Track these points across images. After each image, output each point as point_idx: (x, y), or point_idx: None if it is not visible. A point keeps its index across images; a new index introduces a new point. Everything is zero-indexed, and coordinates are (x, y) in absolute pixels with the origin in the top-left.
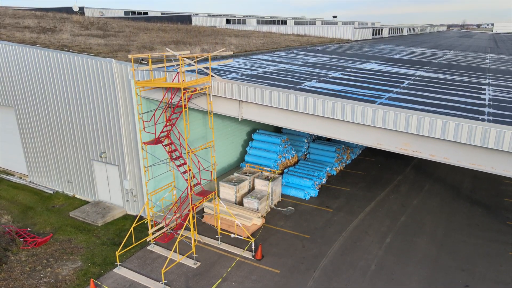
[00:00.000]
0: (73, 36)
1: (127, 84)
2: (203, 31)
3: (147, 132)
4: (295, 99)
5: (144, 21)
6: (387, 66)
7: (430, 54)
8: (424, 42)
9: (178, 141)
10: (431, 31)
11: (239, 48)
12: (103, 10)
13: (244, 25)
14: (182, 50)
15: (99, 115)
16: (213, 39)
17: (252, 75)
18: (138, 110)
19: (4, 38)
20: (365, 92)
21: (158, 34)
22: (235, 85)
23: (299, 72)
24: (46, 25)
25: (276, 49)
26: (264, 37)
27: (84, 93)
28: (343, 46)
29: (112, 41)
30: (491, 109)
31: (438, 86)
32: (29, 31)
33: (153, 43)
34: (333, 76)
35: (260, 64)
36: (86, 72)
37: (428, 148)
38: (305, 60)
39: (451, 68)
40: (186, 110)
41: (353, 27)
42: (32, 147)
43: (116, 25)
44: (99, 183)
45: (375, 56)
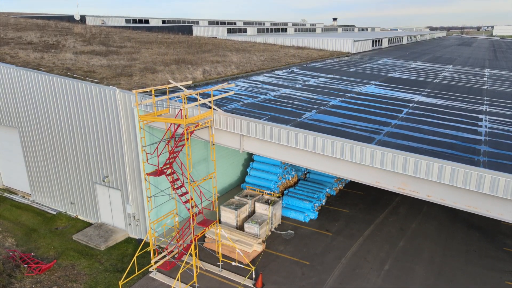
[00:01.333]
0: (76, 54)
1: (130, 113)
2: (204, 44)
3: (150, 164)
4: (295, 137)
5: (146, 31)
6: (386, 89)
7: (429, 70)
8: (424, 54)
9: (180, 170)
10: (431, 38)
11: (239, 68)
12: (104, 18)
13: (244, 34)
14: (183, 72)
15: (102, 141)
16: (214, 55)
17: (253, 105)
18: (142, 143)
19: (8, 60)
20: (364, 125)
21: (159, 50)
22: (236, 119)
23: (299, 99)
24: (49, 39)
25: (276, 68)
26: (264, 52)
27: (87, 119)
28: (343, 62)
29: (115, 61)
30: (487, 147)
31: (435, 116)
32: (32, 48)
33: (155, 63)
34: (333, 105)
35: (261, 88)
36: (90, 99)
37: (425, 188)
38: (305, 82)
39: (449, 89)
40: (188, 146)
41: (353, 40)
42: (35, 167)
43: (118, 38)
44: (101, 206)
45: (374, 75)
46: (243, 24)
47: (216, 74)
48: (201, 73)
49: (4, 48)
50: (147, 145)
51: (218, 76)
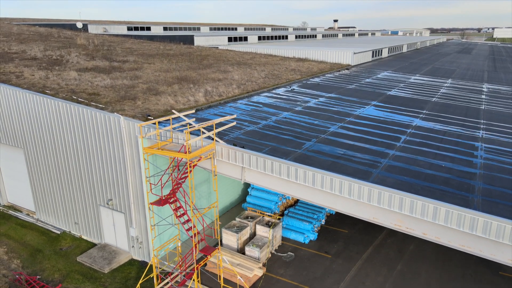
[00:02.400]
0: (80, 72)
1: (134, 140)
2: (206, 57)
3: (154, 194)
4: (295, 172)
5: (147, 40)
6: (385, 110)
7: (428, 85)
8: (423, 64)
9: (182, 197)
10: (431, 44)
11: (241, 87)
12: (106, 26)
13: (245, 42)
14: (186, 93)
15: (107, 165)
16: (216, 71)
17: (255, 133)
18: (146, 174)
19: (14, 81)
20: (362, 157)
21: (161, 65)
22: (238, 152)
23: (300, 125)
24: (52, 54)
25: (277, 86)
26: (265, 66)
27: (92, 143)
28: (343, 77)
29: (118, 80)
30: (482, 183)
31: (432, 145)
32: (37, 64)
33: (157, 82)
34: (332, 132)
35: (262, 112)
36: (95, 124)
37: (420, 227)
38: (305, 103)
39: (447, 110)
40: (192, 179)
41: (353, 52)
42: (40, 186)
43: (120, 51)
44: (105, 227)
45: (373, 93)
46: (244, 29)
47: (218, 96)
48: (203, 94)
49: (9, 65)
50: (151, 175)
51: (220, 98)
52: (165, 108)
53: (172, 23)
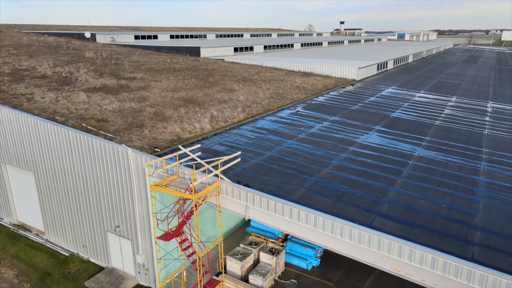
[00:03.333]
0: (89, 94)
1: (142, 172)
2: (211, 71)
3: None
4: (297, 214)
5: (154, 51)
6: (388, 138)
7: (432, 105)
8: (429, 77)
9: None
10: (437, 51)
11: (246, 110)
12: (114, 35)
13: (251, 52)
14: (191, 118)
15: (115, 193)
16: (221, 90)
17: (259, 167)
18: (153, 210)
19: (25, 105)
20: (364, 196)
21: (168, 84)
22: (242, 191)
23: (303, 156)
24: (62, 70)
25: (282, 108)
26: (270, 83)
27: (100, 171)
28: (347, 95)
29: (125, 103)
30: (481, 228)
31: (433, 180)
32: (47, 84)
33: (164, 105)
34: (335, 166)
35: (266, 141)
36: (103, 154)
37: (419, 273)
38: (309, 129)
39: (449, 137)
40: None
41: (358, 67)
42: (50, 209)
43: (128, 65)
44: (112, 252)
45: (377, 115)
46: (250, 35)
47: (223, 122)
48: (209, 120)
49: (20, 85)
50: (158, 211)
51: (225, 124)
52: (171, 138)
53: (179, 28)
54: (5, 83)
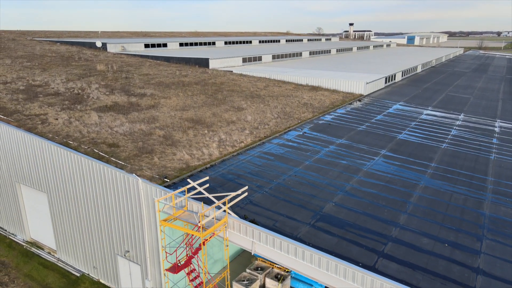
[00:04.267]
0: (100, 114)
1: (152, 203)
2: (220, 86)
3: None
4: (302, 253)
5: (164, 61)
6: (394, 164)
7: (439, 124)
8: (437, 91)
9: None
10: (447, 59)
11: (253, 133)
12: (124, 44)
13: (260, 62)
14: (200, 143)
15: (125, 220)
16: (229, 109)
17: (265, 199)
18: (162, 243)
19: (39, 128)
20: (368, 233)
21: (177, 102)
22: (249, 227)
23: (309, 186)
24: (74, 86)
25: (289, 129)
26: (278, 99)
27: (111, 197)
28: (354, 113)
29: (136, 124)
30: (482, 272)
31: (436, 215)
32: (60, 102)
33: (173, 127)
34: (340, 198)
35: (273, 168)
36: (114, 182)
37: None
38: (316, 154)
39: (455, 163)
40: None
41: (365, 82)
42: (62, 229)
43: (138, 80)
44: (122, 275)
45: (383, 136)
46: (259, 42)
47: (231, 146)
48: (217, 145)
49: (34, 105)
50: (167, 245)
51: (233, 149)
52: (180, 166)
53: (188, 33)
54: (20, 102)
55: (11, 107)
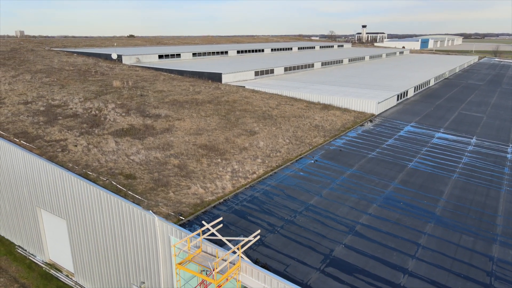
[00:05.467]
0: (117, 139)
1: (167, 240)
2: (233, 104)
3: None
4: None
5: (178, 75)
6: (404, 198)
7: (451, 150)
8: (449, 109)
9: None
10: (461, 69)
11: (265, 162)
12: (139, 56)
13: (272, 75)
14: (213, 174)
15: (141, 253)
16: (242, 133)
17: (276, 240)
18: (176, 285)
19: (60, 157)
20: (376, 283)
21: (191, 125)
22: (261, 273)
23: (320, 224)
24: (92, 106)
25: (300, 156)
26: (290, 121)
27: (128, 231)
28: (365, 137)
29: (151, 152)
30: None
31: (445, 261)
32: (79, 126)
33: (187, 155)
34: (350, 239)
35: (285, 202)
36: (131, 217)
37: None
38: (326, 187)
39: (466, 198)
40: None
41: (377, 102)
42: (80, 255)
43: (153, 98)
44: None
45: (394, 165)
46: (271, 50)
47: (243, 178)
48: (230, 177)
49: (54, 129)
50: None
51: (246, 181)
52: (194, 201)
53: (201, 39)
54: (41, 126)
55: (33, 132)
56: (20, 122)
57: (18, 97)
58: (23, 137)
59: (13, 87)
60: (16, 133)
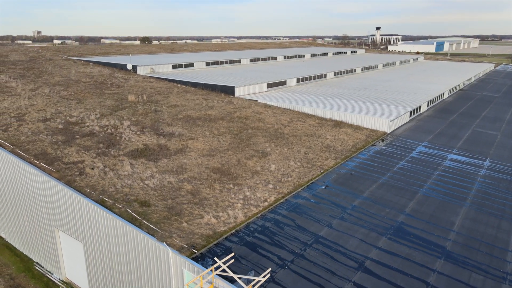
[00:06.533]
0: (132, 162)
1: (180, 272)
2: (245, 121)
3: None
4: None
5: (191, 87)
6: (414, 231)
7: (463, 174)
8: (463, 127)
9: None
10: (477, 78)
11: (277, 188)
12: (153, 66)
13: (284, 87)
14: (225, 201)
15: (155, 281)
16: (254, 154)
17: (287, 276)
18: None
19: (78, 182)
20: None
21: (204, 145)
22: None
23: (329, 259)
24: (108, 124)
25: (312, 181)
26: (301, 140)
27: (143, 259)
28: (376, 159)
29: (165, 176)
30: None
31: None
32: (95, 145)
33: (201, 180)
34: (359, 277)
35: (295, 235)
36: (146, 246)
37: None
38: (337, 216)
39: (477, 230)
40: None
41: (389, 120)
42: (96, 277)
43: (167, 115)
44: None
45: (405, 191)
46: (283, 58)
47: (255, 206)
48: (242, 205)
49: (72, 149)
50: None
51: (257, 210)
52: (207, 233)
53: (214, 45)
54: (59, 146)
55: (52, 153)
56: (40, 142)
57: (37, 114)
58: (42, 158)
59: (33, 102)
60: (36, 154)
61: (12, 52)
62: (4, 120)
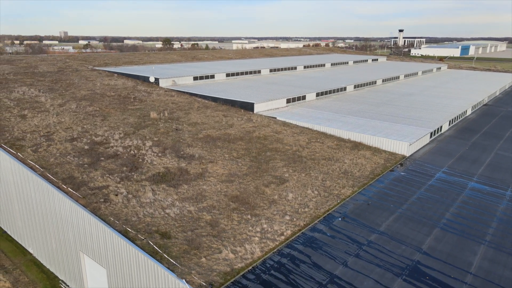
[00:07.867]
0: (154, 188)
1: None
2: (264, 141)
3: None
4: None
5: (211, 101)
6: (430, 273)
7: (483, 209)
8: (485, 149)
9: None
10: (502, 91)
11: (294, 220)
12: (175, 79)
13: (303, 101)
14: (243, 231)
15: None
16: (272, 180)
17: None
18: None
19: (102, 209)
20: None
21: (223, 170)
22: None
23: None
24: (131, 144)
25: (329, 212)
26: (319, 164)
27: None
28: (394, 187)
29: (185, 204)
30: None
31: None
32: (119, 169)
33: (220, 209)
34: None
35: (310, 274)
36: (167, 281)
37: None
38: (351, 253)
39: (494, 273)
40: None
41: (409, 144)
42: None
43: (188, 134)
44: None
45: (422, 225)
46: (303, 68)
47: (271, 241)
48: (259, 239)
49: (97, 173)
50: None
51: (274, 244)
52: (225, 270)
53: (234, 52)
54: (85, 170)
55: (78, 177)
56: (67, 165)
57: (65, 132)
58: (70, 182)
59: (61, 119)
60: (64, 178)
61: (41, 62)
62: (34, 140)
